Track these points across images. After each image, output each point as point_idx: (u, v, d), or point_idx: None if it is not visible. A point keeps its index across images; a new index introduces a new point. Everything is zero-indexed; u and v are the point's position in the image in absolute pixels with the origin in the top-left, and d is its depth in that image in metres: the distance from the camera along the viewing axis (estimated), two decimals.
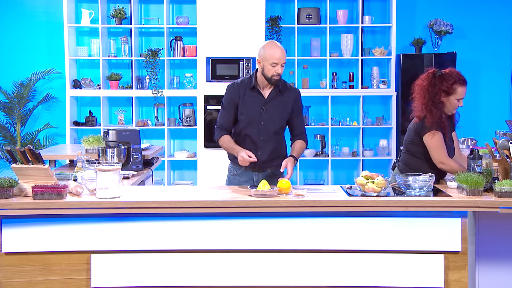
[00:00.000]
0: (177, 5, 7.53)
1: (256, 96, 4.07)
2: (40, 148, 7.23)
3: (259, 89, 4.08)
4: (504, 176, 3.65)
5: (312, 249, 3.49)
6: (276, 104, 4.08)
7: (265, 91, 4.09)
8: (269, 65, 3.97)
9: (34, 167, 3.70)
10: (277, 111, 4.08)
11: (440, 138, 3.95)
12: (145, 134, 7.41)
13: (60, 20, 7.24)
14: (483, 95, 7.61)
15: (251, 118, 4.06)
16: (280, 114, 4.09)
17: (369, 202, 3.45)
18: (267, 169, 4.14)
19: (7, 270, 3.48)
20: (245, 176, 4.15)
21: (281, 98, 4.09)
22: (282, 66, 3.99)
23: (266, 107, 4.07)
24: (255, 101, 4.07)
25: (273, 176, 4.09)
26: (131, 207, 3.42)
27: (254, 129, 4.07)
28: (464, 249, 3.49)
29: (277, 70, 3.97)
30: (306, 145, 4.18)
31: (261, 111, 4.06)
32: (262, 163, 4.08)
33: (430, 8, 7.50)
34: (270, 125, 4.08)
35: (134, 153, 4.64)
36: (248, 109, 4.06)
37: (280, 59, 3.96)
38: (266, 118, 4.07)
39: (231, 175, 4.21)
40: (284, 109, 4.10)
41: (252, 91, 4.08)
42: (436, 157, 3.95)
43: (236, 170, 4.18)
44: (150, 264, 3.48)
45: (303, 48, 7.45)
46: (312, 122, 7.43)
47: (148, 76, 7.28)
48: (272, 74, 3.98)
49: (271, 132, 4.09)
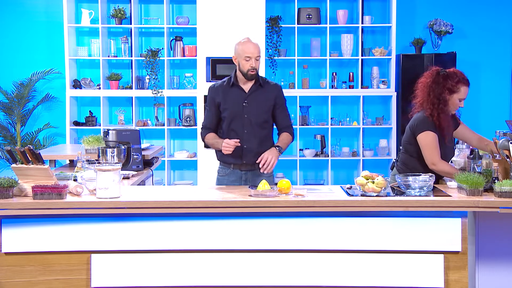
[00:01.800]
0: (177, 5, 7.53)
1: (237, 91, 4.19)
2: (40, 148, 7.23)
3: (240, 85, 4.18)
4: (504, 176, 3.65)
5: (312, 249, 3.49)
6: (257, 97, 4.18)
7: (246, 86, 4.19)
8: (243, 60, 4.09)
9: (34, 167, 3.70)
10: (259, 103, 4.18)
11: (434, 138, 3.94)
12: (145, 134, 7.41)
13: (60, 20, 7.24)
14: (483, 95, 7.61)
15: (234, 112, 4.16)
16: (262, 106, 4.19)
17: (369, 202, 3.45)
18: (254, 167, 4.18)
19: (7, 270, 3.49)
20: (233, 175, 4.22)
21: (262, 91, 4.20)
22: (257, 60, 4.10)
23: (248, 100, 4.17)
24: (237, 95, 4.18)
25: (261, 175, 4.14)
26: (131, 207, 3.42)
27: (238, 123, 4.16)
28: (464, 249, 3.49)
29: (251, 64, 4.08)
30: (292, 138, 4.28)
31: (244, 105, 4.16)
32: (249, 158, 4.14)
33: (430, 8, 7.50)
34: (254, 118, 4.16)
35: (134, 153, 4.64)
36: (231, 104, 4.16)
37: (252, 53, 4.07)
38: (249, 111, 4.16)
39: (220, 175, 4.29)
40: (266, 102, 4.19)
41: (233, 88, 4.19)
42: (428, 157, 3.95)
43: (225, 170, 4.26)
44: (150, 264, 3.48)
45: (303, 48, 7.45)
46: (312, 122, 7.43)
47: (148, 76, 7.28)
48: (248, 69, 4.09)
49: (255, 125, 4.17)
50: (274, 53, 7.25)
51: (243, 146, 4.14)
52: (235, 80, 4.20)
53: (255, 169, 4.18)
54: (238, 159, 4.17)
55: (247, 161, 4.18)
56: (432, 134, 3.95)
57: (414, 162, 4.07)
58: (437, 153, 3.94)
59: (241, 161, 4.18)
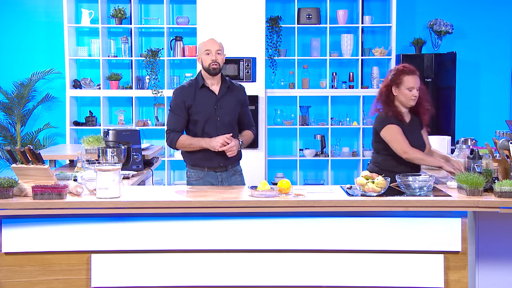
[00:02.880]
0: (177, 5, 7.53)
1: (207, 93, 4.19)
2: (40, 148, 7.23)
3: (208, 86, 4.19)
4: (504, 176, 3.65)
5: (312, 249, 3.49)
6: (228, 100, 4.21)
7: (215, 87, 4.21)
8: (204, 54, 4.13)
9: (34, 167, 3.70)
10: (230, 106, 4.21)
11: (397, 129, 4.05)
12: (145, 134, 7.41)
13: (60, 20, 7.24)
14: (483, 95, 7.61)
15: (207, 115, 4.16)
16: (232, 108, 4.22)
17: (369, 202, 3.45)
18: (228, 167, 4.23)
19: (7, 270, 3.49)
20: (208, 177, 4.21)
21: (231, 93, 4.24)
22: (218, 54, 4.13)
23: (220, 103, 4.18)
24: (208, 98, 4.18)
25: (234, 173, 4.25)
26: (131, 207, 3.42)
27: (211, 126, 4.16)
28: (464, 249, 3.49)
29: (211, 58, 4.11)
30: (253, 136, 4.34)
31: (216, 107, 4.17)
32: (224, 159, 4.16)
33: (430, 8, 7.50)
34: (226, 120, 4.19)
35: (134, 153, 4.64)
36: (203, 107, 4.16)
37: (212, 46, 4.13)
38: (221, 113, 4.18)
39: (193, 180, 4.23)
40: (236, 104, 4.24)
41: (202, 90, 4.19)
42: (398, 148, 4.03)
43: (198, 174, 4.22)
44: (150, 264, 3.48)
45: (303, 48, 7.45)
46: (312, 122, 7.43)
47: (148, 76, 7.28)
48: (209, 63, 4.12)
49: (227, 127, 4.19)
50: (274, 53, 7.25)
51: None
52: (201, 80, 4.19)
53: (228, 170, 4.23)
54: (215, 162, 4.17)
55: (223, 163, 4.19)
56: (394, 126, 4.05)
57: (383, 159, 4.15)
58: (404, 142, 4.03)
59: (217, 164, 4.18)
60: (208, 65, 4.13)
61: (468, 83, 7.55)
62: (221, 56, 4.16)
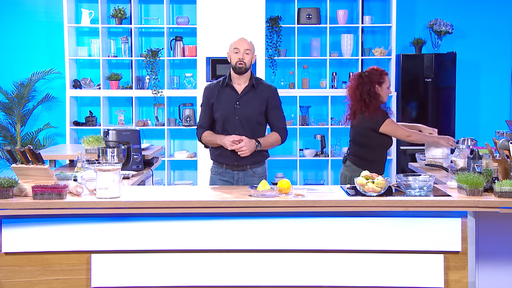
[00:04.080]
0: (177, 5, 7.53)
1: (229, 92, 4.21)
2: (40, 148, 7.23)
3: (233, 85, 4.21)
4: (504, 176, 3.65)
5: (312, 249, 3.49)
6: (250, 99, 4.19)
7: (239, 86, 4.21)
8: (233, 53, 4.17)
9: (34, 167, 3.70)
10: (251, 105, 4.18)
11: (392, 120, 4.56)
12: (145, 134, 7.41)
13: (60, 20, 7.24)
14: (483, 95, 7.61)
15: (226, 114, 4.18)
16: (254, 108, 4.19)
17: (369, 202, 3.45)
18: (247, 167, 4.22)
19: (7, 270, 3.49)
20: (226, 175, 4.26)
21: (254, 93, 4.21)
22: (246, 54, 4.15)
23: (240, 101, 4.18)
24: (229, 96, 4.20)
25: (253, 175, 4.22)
26: (131, 207, 3.42)
27: (230, 124, 4.18)
28: (464, 249, 3.48)
29: (239, 56, 4.14)
30: (280, 139, 4.28)
31: (235, 106, 4.17)
32: (241, 159, 4.17)
33: (430, 8, 7.50)
34: (245, 119, 4.17)
35: (134, 153, 4.64)
36: (223, 105, 4.19)
37: (240, 45, 4.16)
38: (240, 113, 4.17)
39: (213, 174, 4.34)
40: (258, 104, 4.20)
41: (226, 88, 4.22)
42: (402, 136, 4.60)
43: (218, 169, 4.30)
44: (150, 264, 3.48)
45: (303, 48, 7.45)
46: (312, 122, 7.43)
47: (148, 76, 7.28)
48: (236, 61, 4.15)
49: (247, 127, 4.18)
50: (274, 53, 7.25)
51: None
52: (229, 79, 4.23)
53: (246, 170, 4.23)
54: (231, 160, 4.20)
55: (239, 162, 4.20)
56: (388, 119, 4.51)
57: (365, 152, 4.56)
58: (403, 128, 4.58)
59: (232, 163, 4.21)
60: (235, 63, 4.16)
61: (468, 83, 7.56)
62: (249, 56, 4.17)
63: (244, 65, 4.15)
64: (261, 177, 4.19)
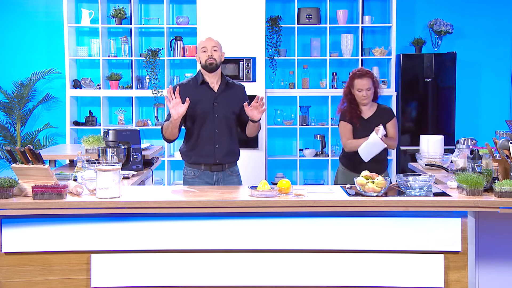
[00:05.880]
0: (177, 5, 7.53)
1: (206, 90, 4.25)
2: (40, 148, 7.23)
3: (208, 83, 4.24)
4: (504, 176, 3.65)
5: (312, 249, 3.49)
6: (226, 97, 4.25)
7: (213, 85, 4.26)
8: (201, 52, 4.21)
9: (34, 167, 3.70)
10: (228, 103, 4.25)
11: (343, 126, 4.74)
12: (145, 134, 7.41)
13: (60, 20, 7.24)
14: (483, 95, 7.61)
15: (205, 112, 4.20)
16: (231, 106, 4.25)
17: (369, 202, 3.45)
18: (225, 167, 4.26)
19: (7, 270, 3.49)
20: (204, 177, 4.26)
21: (230, 91, 4.29)
22: (215, 51, 4.20)
23: (218, 100, 4.23)
24: (207, 95, 4.23)
25: (231, 174, 4.29)
26: (131, 207, 3.42)
27: (209, 123, 4.21)
28: (464, 249, 3.49)
29: (208, 54, 4.18)
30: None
31: (214, 104, 4.21)
32: (221, 157, 4.22)
33: (430, 8, 7.50)
34: (223, 117, 4.23)
35: (134, 153, 4.64)
36: (201, 104, 4.20)
37: (207, 44, 4.21)
38: (219, 110, 4.21)
39: (189, 178, 4.31)
40: (235, 102, 4.27)
41: (202, 87, 4.25)
42: (342, 142, 4.80)
43: (194, 172, 4.30)
44: (150, 264, 3.48)
45: (303, 48, 7.45)
46: (312, 122, 7.43)
47: (148, 76, 7.28)
48: (205, 59, 4.19)
49: (225, 124, 4.23)
50: (274, 53, 7.25)
51: (215, 146, 4.22)
52: (202, 77, 4.26)
53: (224, 170, 4.27)
54: (211, 159, 4.21)
55: (220, 160, 4.23)
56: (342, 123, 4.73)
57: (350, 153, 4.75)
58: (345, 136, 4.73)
59: (213, 161, 4.23)
60: (205, 61, 4.20)
61: (468, 83, 7.55)
62: (218, 53, 4.21)
63: (214, 61, 4.19)
64: (238, 175, 4.34)
